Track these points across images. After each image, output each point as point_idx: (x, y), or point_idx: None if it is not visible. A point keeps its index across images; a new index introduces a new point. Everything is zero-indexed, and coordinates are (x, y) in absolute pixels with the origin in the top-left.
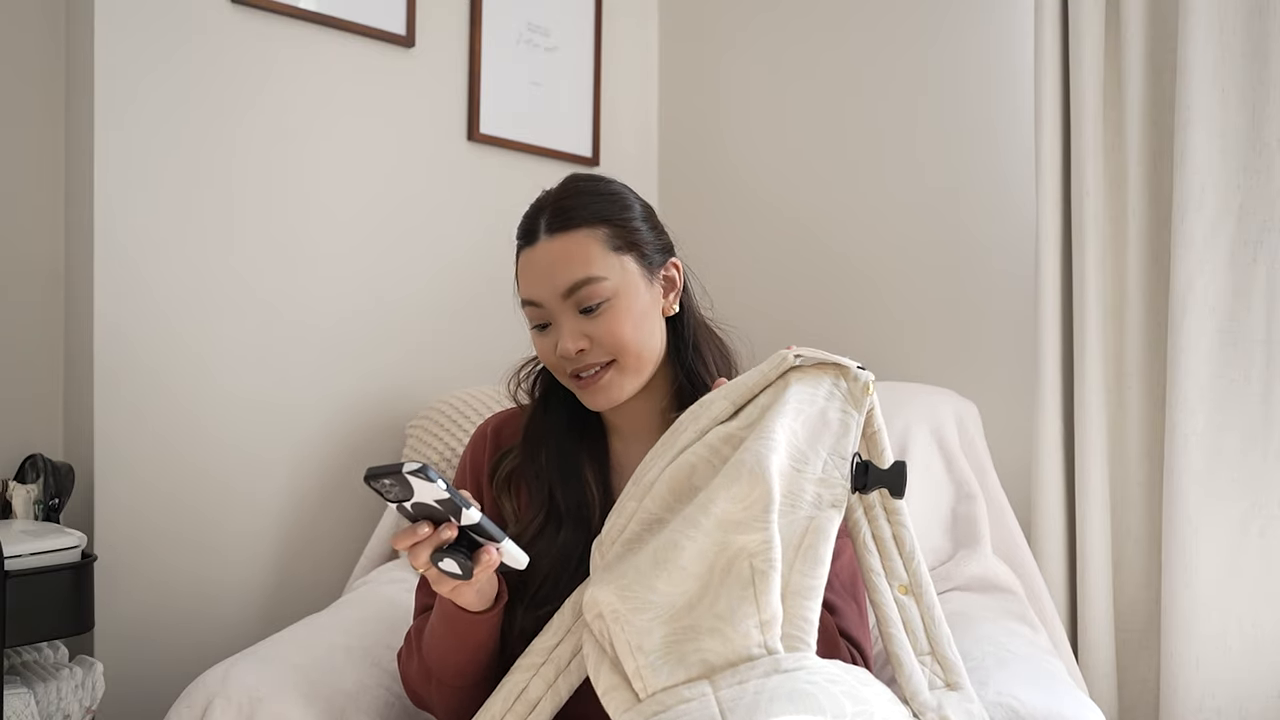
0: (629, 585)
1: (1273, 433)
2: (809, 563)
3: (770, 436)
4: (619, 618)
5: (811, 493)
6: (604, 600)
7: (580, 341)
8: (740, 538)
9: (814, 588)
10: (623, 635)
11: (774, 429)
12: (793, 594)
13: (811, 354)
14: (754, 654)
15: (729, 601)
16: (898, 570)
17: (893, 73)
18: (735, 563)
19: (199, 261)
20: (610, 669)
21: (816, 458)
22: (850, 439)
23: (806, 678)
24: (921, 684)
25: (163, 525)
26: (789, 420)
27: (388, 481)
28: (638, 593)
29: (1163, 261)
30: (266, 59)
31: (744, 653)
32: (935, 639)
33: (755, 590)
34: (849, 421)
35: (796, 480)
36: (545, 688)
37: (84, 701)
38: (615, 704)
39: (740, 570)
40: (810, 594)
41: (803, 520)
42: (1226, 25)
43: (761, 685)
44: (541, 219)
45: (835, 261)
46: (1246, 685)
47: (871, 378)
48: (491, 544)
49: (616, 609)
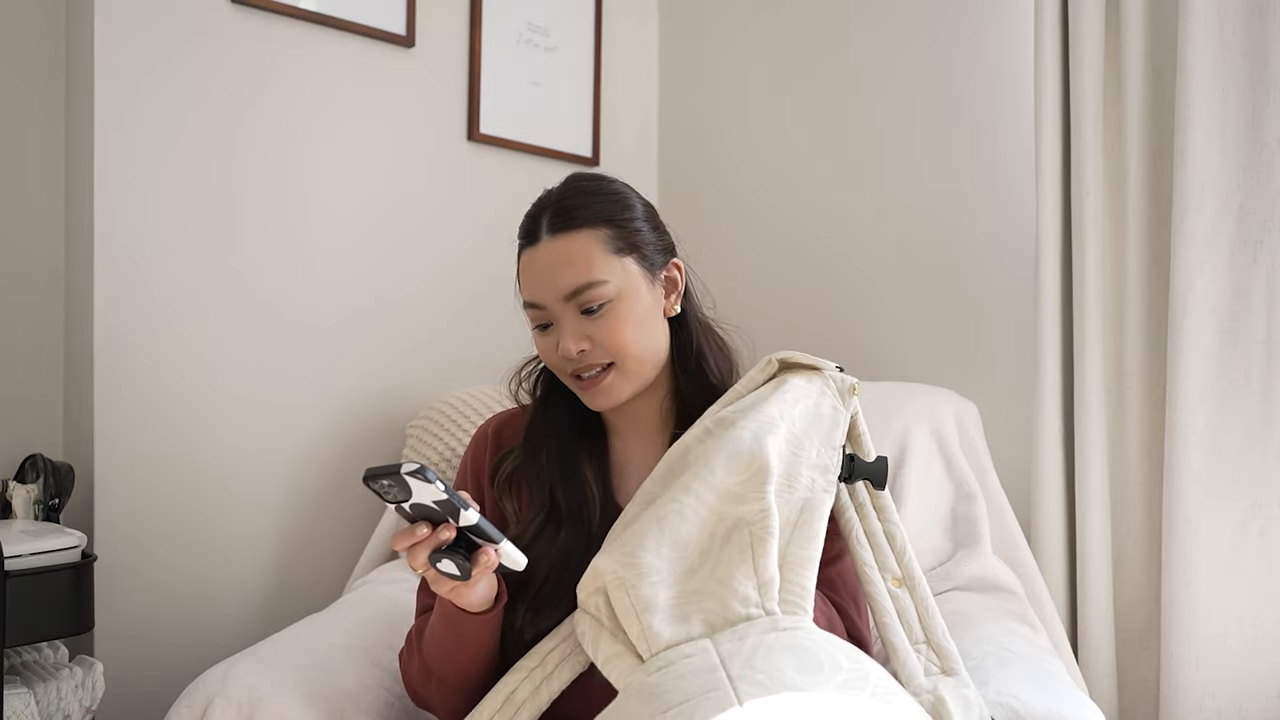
0: (632, 552)
1: (1273, 433)
2: (805, 536)
3: (768, 418)
4: (623, 583)
5: (806, 476)
6: (607, 568)
7: (581, 342)
8: (739, 508)
9: (810, 558)
10: (626, 600)
11: (771, 412)
12: (789, 563)
13: (796, 357)
14: (752, 614)
15: (728, 566)
16: (890, 563)
17: (893, 73)
18: (735, 531)
19: (199, 261)
20: (610, 638)
21: (811, 444)
22: (839, 431)
23: (804, 635)
24: (917, 669)
25: (163, 525)
26: (787, 407)
27: (386, 482)
28: (641, 557)
29: (1163, 261)
30: (266, 59)
31: (742, 613)
32: (930, 628)
33: (753, 554)
34: (838, 416)
35: (793, 463)
36: (531, 690)
37: (84, 701)
38: (619, 669)
39: (739, 538)
40: (806, 563)
41: (798, 500)
42: (1226, 25)
43: (760, 640)
44: (543, 218)
45: (835, 261)
46: (1246, 685)
47: (856, 381)
48: (490, 545)
49: (621, 575)
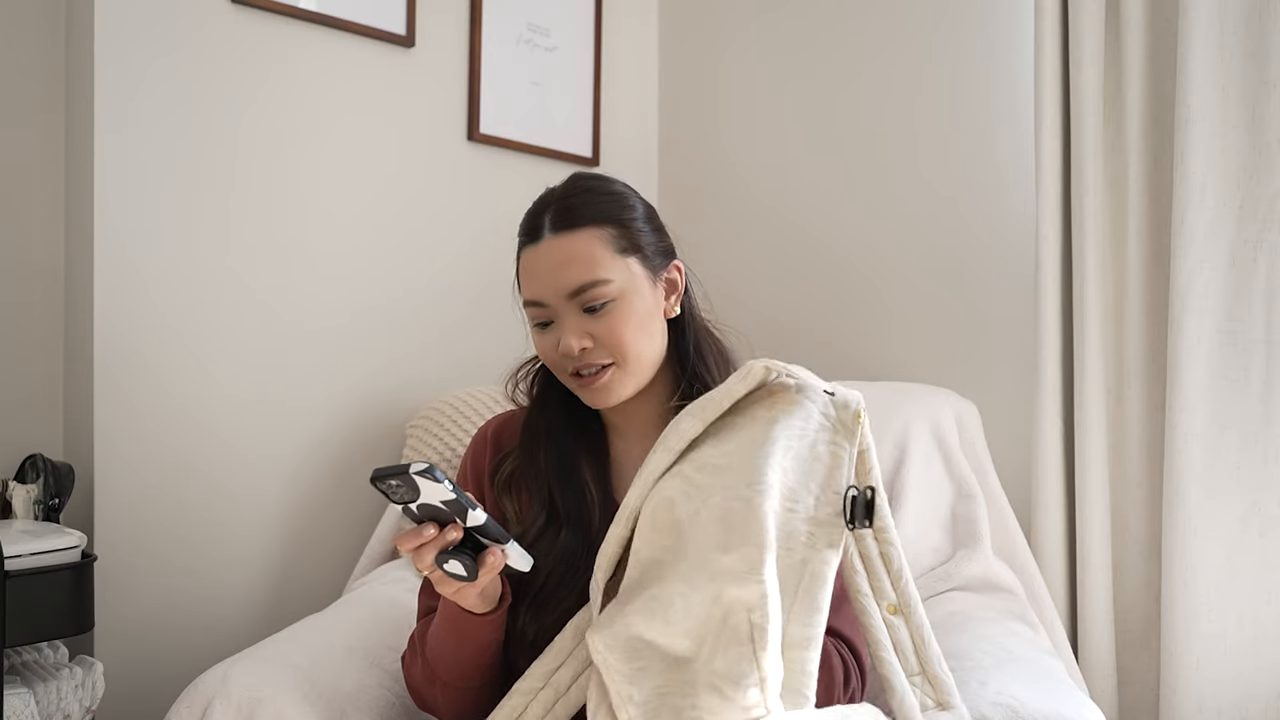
0: (617, 634)
1: (1273, 433)
2: (807, 609)
3: (761, 480)
4: (608, 667)
5: (804, 532)
6: (595, 648)
7: (583, 340)
8: (735, 590)
9: (813, 638)
10: (613, 686)
11: (764, 470)
12: (791, 645)
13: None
14: (755, 716)
15: (727, 660)
16: (885, 590)
17: (893, 73)
18: (731, 616)
19: (199, 261)
20: (607, 713)
21: (808, 494)
22: (843, 472)
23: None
24: (914, 709)
25: (163, 525)
26: (779, 459)
27: (394, 482)
28: (626, 641)
29: (1163, 261)
30: (266, 59)
31: (744, 717)
32: (925, 659)
33: (754, 648)
34: (840, 455)
35: (789, 520)
36: (544, 712)
37: (84, 701)
38: None
39: (738, 625)
40: (809, 644)
41: (798, 563)
42: (1226, 25)
43: None
44: (546, 216)
45: (835, 262)
46: (1246, 685)
47: (862, 404)
48: (496, 546)
49: (605, 659)
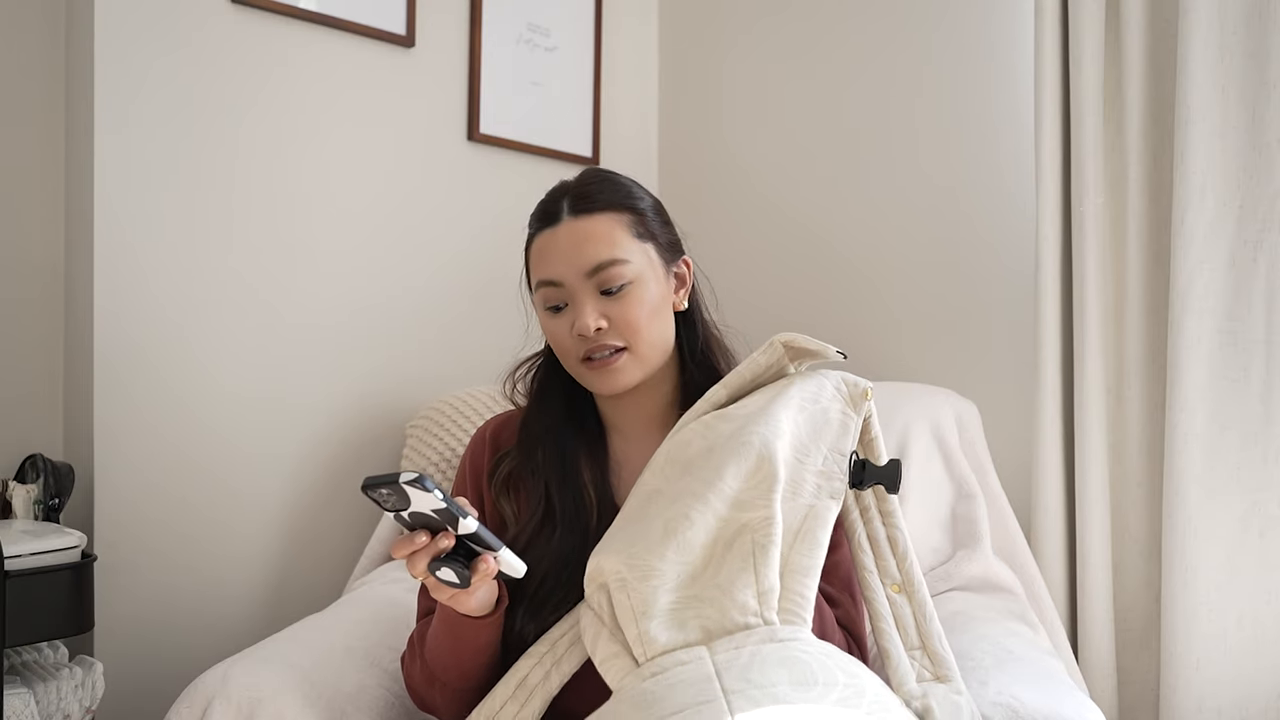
0: (637, 554)
1: (1273, 433)
2: (807, 544)
3: (776, 423)
4: (625, 584)
5: (812, 483)
6: (610, 568)
7: (600, 320)
8: (744, 514)
9: (811, 567)
10: (626, 602)
11: (779, 417)
12: (791, 571)
13: (800, 340)
14: (750, 623)
15: (729, 573)
16: (890, 569)
17: (893, 73)
18: (738, 538)
19: (199, 261)
20: (609, 638)
21: (818, 451)
22: (849, 438)
23: (801, 648)
24: (909, 674)
25: (163, 525)
26: (793, 413)
27: (384, 491)
28: (646, 560)
29: (1163, 261)
30: (266, 59)
31: (740, 621)
32: (926, 634)
33: (754, 562)
34: (848, 422)
35: (799, 470)
36: (542, 675)
37: (84, 701)
38: (614, 671)
39: (742, 545)
40: (808, 572)
41: (803, 507)
42: (1226, 25)
43: (756, 650)
44: (565, 202)
45: (835, 262)
46: (1246, 685)
47: (870, 385)
48: (489, 553)
49: (623, 576)
